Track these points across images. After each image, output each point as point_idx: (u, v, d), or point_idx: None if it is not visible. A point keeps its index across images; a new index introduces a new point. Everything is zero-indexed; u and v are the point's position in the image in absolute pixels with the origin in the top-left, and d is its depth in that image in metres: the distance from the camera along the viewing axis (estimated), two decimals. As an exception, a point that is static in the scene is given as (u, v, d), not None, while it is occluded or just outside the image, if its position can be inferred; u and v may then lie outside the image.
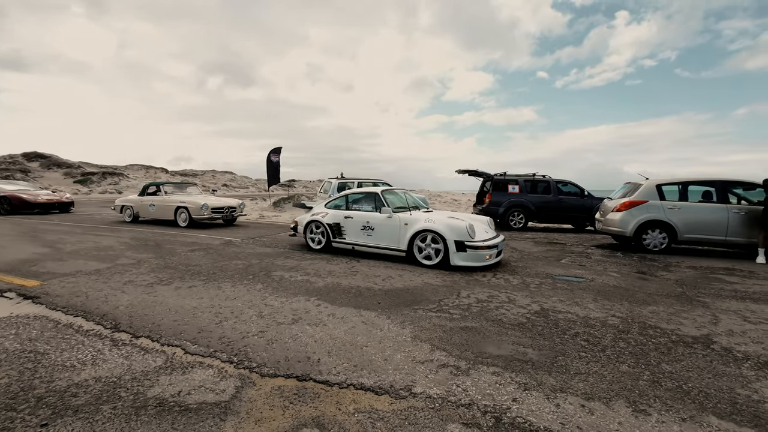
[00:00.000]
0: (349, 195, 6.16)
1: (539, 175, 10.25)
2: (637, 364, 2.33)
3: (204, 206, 9.16)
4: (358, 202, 6.04)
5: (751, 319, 3.15)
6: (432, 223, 5.05)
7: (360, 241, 5.73)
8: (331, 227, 5.93)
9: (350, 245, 5.84)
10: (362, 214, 5.75)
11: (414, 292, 3.93)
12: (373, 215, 5.65)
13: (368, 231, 5.62)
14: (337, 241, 5.94)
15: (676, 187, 6.42)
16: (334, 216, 5.99)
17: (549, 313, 3.27)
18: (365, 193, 6.07)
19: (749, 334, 2.82)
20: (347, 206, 6.04)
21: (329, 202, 6.37)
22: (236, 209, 10.16)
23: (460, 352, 2.50)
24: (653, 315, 3.25)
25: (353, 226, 5.78)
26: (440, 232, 4.93)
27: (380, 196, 5.69)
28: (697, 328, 2.94)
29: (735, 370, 2.26)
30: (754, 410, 1.85)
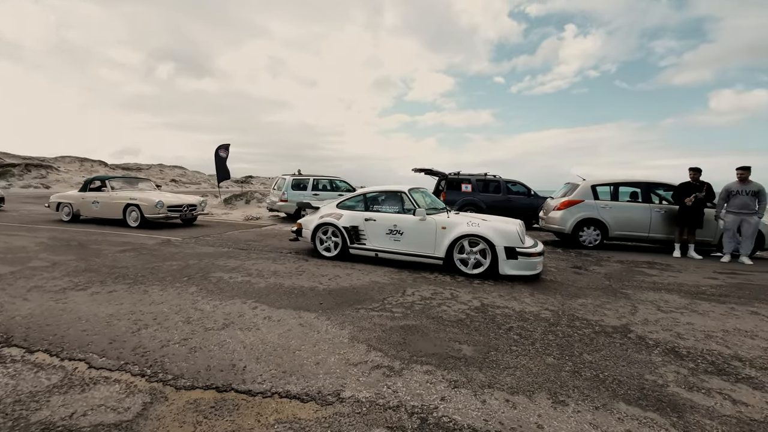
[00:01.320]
0: (367, 194, 5.40)
1: (490, 175, 10.64)
2: (562, 356, 2.44)
3: (159, 204, 8.23)
4: (379, 202, 5.31)
5: (664, 309, 3.45)
6: (476, 227, 4.44)
7: (385, 246, 5.00)
8: (348, 231, 5.14)
9: (372, 252, 5.08)
10: (387, 216, 5.03)
11: (359, 291, 3.85)
12: (402, 217, 4.94)
13: (395, 235, 4.92)
14: (356, 246, 5.17)
15: (608, 187, 6.95)
16: (351, 218, 5.21)
17: (488, 309, 3.35)
18: (388, 191, 5.33)
19: (661, 323, 3.08)
20: (366, 207, 5.28)
21: (341, 201, 5.60)
22: (197, 207, 9.27)
23: (396, 351, 2.46)
24: (582, 307, 3.45)
25: (376, 229, 5.05)
26: (488, 237, 4.34)
27: (407, 196, 5.05)
28: (618, 319, 3.16)
29: (646, 357, 2.44)
30: (658, 394, 1.99)
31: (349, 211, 5.33)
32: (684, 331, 2.90)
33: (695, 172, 6.17)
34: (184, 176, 49.95)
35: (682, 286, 4.29)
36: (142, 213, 8.29)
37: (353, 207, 5.39)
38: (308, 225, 5.59)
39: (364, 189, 5.71)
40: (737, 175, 5.80)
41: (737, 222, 5.75)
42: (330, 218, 5.31)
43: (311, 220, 5.59)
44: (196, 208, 9.23)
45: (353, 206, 5.40)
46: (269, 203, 11.44)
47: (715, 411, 1.85)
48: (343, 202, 5.57)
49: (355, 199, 5.46)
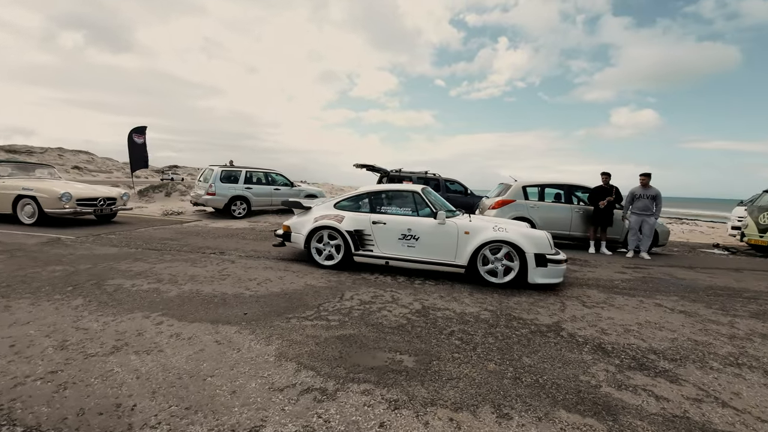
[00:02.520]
0: (372, 193, 4.76)
1: (431, 174, 10.82)
2: (503, 360, 2.37)
3: (65, 196, 6.66)
4: (387, 203, 4.71)
5: (588, 304, 3.67)
6: (504, 232, 4.07)
7: (397, 253, 4.42)
8: (351, 236, 4.49)
9: (382, 259, 4.47)
10: (400, 219, 4.45)
11: (292, 297, 3.47)
12: (418, 221, 4.40)
13: (409, 241, 4.37)
14: (362, 254, 4.51)
15: (536, 188, 7.42)
16: (355, 221, 4.56)
17: (429, 312, 3.22)
18: (398, 191, 4.78)
19: (587, 319, 3.24)
20: (372, 208, 4.65)
21: (340, 201, 4.89)
22: (116, 201, 7.73)
23: (330, 368, 2.17)
24: (517, 306, 3.50)
25: (386, 234, 4.46)
26: (518, 243, 4.00)
27: (423, 197, 4.53)
28: (550, 316, 3.25)
29: (578, 356, 2.49)
30: (593, 397, 2.00)
31: (351, 212, 4.66)
32: (607, 326, 3.07)
33: (606, 177, 6.85)
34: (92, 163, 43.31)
35: (599, 281, 4.67)
36: (40, 207, 6.69)
37: (356, 208, 4.72)
38: (300, 228, 4.81)
39: (367, 187, 5.05)
40: (640, 180, 6.56)
41: (639, 222, 6.51)
42: (329, 221, 4.58)
43: (303, 223, 4.81)
44: (115, 202, 7.73)
45: (356, 207, 4.73)
46: (194, 196, 10.25)
47: (643, 410, 1.90)
48: (342, 201, 4.87)
49: (358, 199, 4.79)
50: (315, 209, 4.93)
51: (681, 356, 2.56)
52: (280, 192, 10.66)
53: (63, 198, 6.67)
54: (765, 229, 7.44)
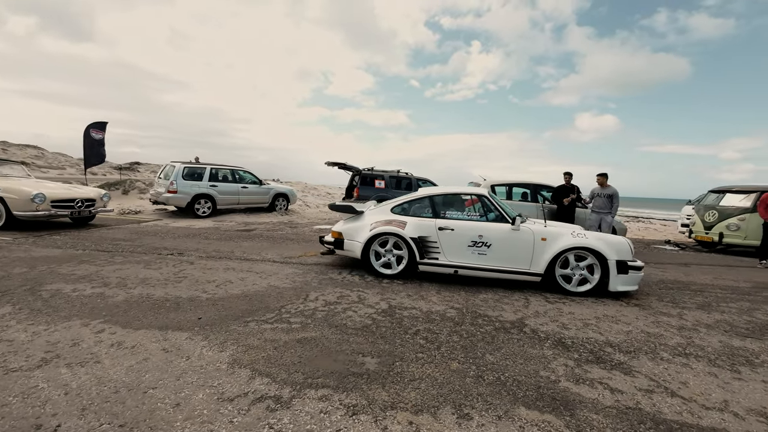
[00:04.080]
0: (434, 197, 4.44)
1: (403, 172, 10.82)
2: (467, 359, 2.35)
3: (38, 197, 5.97)
4: (451, 207, 4.41)
5: (550, 299, 3.76)
6: (584, 239, 3.90)
7: (467, 261, 4.13)
8: (416, 243, 4.17)
9: (451, 268, 4.15)
10: (469, 225, 4.16)
11: (253, 299, 3.31)
12: (489, 226, 4.12)
13: (480, 248, 4.08)
14: (428, 262, 4.20)
15: (504, 187, 7.58)
16: (420, 226, 4.23)
17: (396, 311, 3.17)
18: (462, 194, 4.48)
19: (549, 314, 3.30)
20: (436, 213, 4.33)
21: (397, 205, 4.52)
22: (95, 203, 7.02)
23: (288, 374, 2.06)
24: (483, 303, 3.52)
25: (454, 241, 4.14)
26: (600, 250, 3.81)
27: (491, 200, 4.29)
28: (514, 313, 3.29)
29: (539, 352, 2.52)
30: (552, 392, 2.02)
31: (413, 217, 4.35)
32: (567, 321, 3.14)
33: (568, 176, 7.11)
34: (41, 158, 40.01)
35: (562, 277, 4.81)
36: (8, 209, 5.97)
37: (418, 213, 4.40)
38: (354, 235, 4.42)
39: (428, 190, 4.75)
40: (597, 180, 6.86)
41: (598, 220, 6.80)
42: (390, 227, 4.23)
43: (357, 229, 4.42)
44: (94, 203, 7.05)
45: (417, 212, 4.41)
46: (153, 194, 9.67)
47: (599, 403, 1.93)
48: (401, 205, 4.51)
49: (419, 203, 4.45)
50: (367, 214, 4.59)
51: (635, 348, 2.66)
52: (248, 190, 10.27)
53: (36, 199, 5.98)
54: (710, 226, 8.01)
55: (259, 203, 10.77)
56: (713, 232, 7.86)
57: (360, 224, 4.46)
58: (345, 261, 5.03)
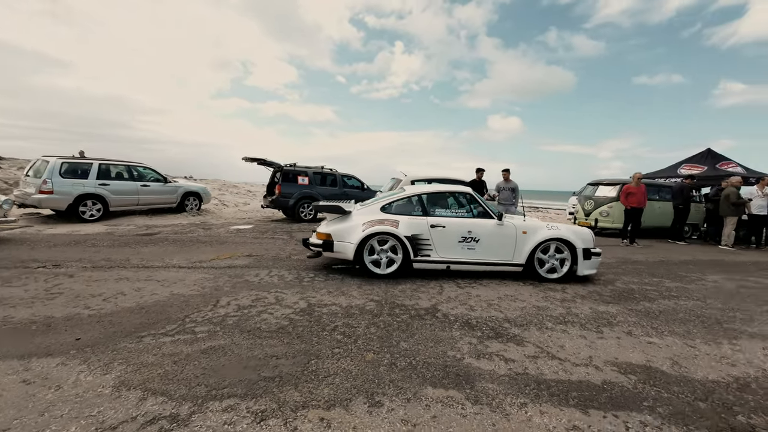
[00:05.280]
0: (423, 195, 4.51)
1: (327, 169, 10.67)
2: (382, 348, 2.43)
3: None
4: (440, 205, 4.55)
5: (461, 285, 4.09)
6: (557, 230, 4.37)
7: (458, 257, 4.31)
8: (410, 241, 4.19)
9: (443, 264, 4.31)
10: (459, 222, 4.33)
11: (151, 311, 2.94)
12: (477, 222, 4.35)
13: (469, 243, 4.28)
14: (421, 259, 4.27)
15: (424, 182, 7.98)
16: (412, 225, 4.26)
17: (315, 309, 3.12)
18: (449, 192, 4.68)
19: (459, 299, 3.59)
20: (426, 211, 4.40)
21: (386, 204, 4.48)
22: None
23: (188, 389, 1.88)
24: (401, 293, 3.68)
25: (446, 237, 4.27)
26: (570, 240, 4.32)
27: (475, 197, 4.54)
28: (429, 300, 3.50)
29: (448, 334, 2.72)
30: (456, 369, 2.20)
31: (404, 216, 4.35)
32: (475, 304, 3.45)
33: (480, 172, 7.81)
34: None
35: (473, 264, 5.27)
36: None
37: (409, 211, 4.42)
38: (345, 236, 4.25)
39: (415, 188, 4.78)
40: (502, 175, 7.67)
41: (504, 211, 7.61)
42: (384, 226, 4.20)
43: (348, 230, 4.27)
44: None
45: (408, 210, 4.43)
46: (19, 196, 7.93)
47: (495, 373, 2.17)
48: (390, 204, 4.48)
49: (408, 202, 4.49)
50: (355, 214, 4.48)
51: (527, 321, 3.04)
52: (149, 189, 9.07)
53: None
54: (588, 213, 9.56)
55: (165, 203, 9.61)
56: (591, 218, 9.40)
57: (350, 225, 4.33)
58: (263, 262, 4.78)
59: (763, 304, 3.89)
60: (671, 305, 3.67)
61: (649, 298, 3.88)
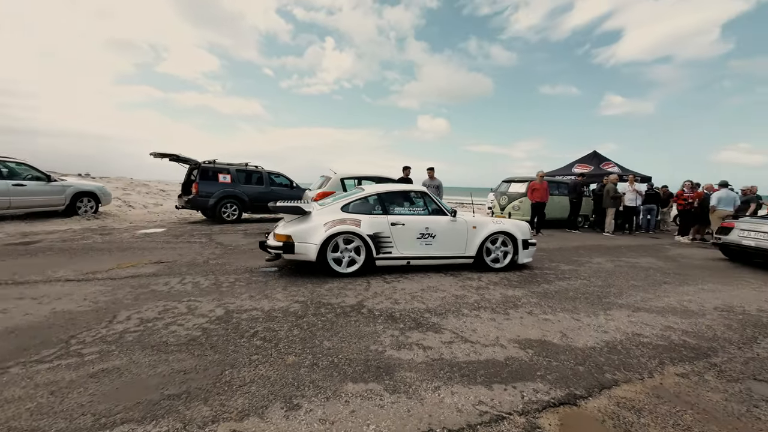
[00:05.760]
0: (382, 194, 4.70)
1: (252, 166, 10.07)
2: (304, 350, 2.39)
3: None
4: (398, 204, 4.73)
5: (388, 279, 4.21)
6: (502, 225, 4.91)
7: (417, 252, 4.60)
8: (373, 239, 4.34)
9: (403, 260, 4.56)
10: (418, 219, 4.61)
11: (24, 333, 2.46)
12: (434, 219, 4.66)
13: (427, 239, 4.60)
14: (383, 256, 4.45)
15: (353, 180, 8.02)
16: (374, 224, 4.41)
17: (233, 316, 2.93)
18: (406, 191, 4.93)
19: (385, 293, 3.69)
20: (385, 210, 4.57)
21: (347, 204, 4.56)
22: None
23: (68, 422, 1.62)
24: (328, 292, 3.65)
25: (406, 234, 4.52)
26: (512, 233, 4.89)
27: (431, 196, 4.88)
28: (355, 297, 3.53)
29: (372, 328, 2.78)
30: (377, 362, 2.26)
31: (365, 215, 4.47)
32: (399, 297, 3.58)
33: (407, 170, 8.10)
34: None
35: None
36: None
37: (369, 210, 4.55)
38: (307, 237, 4.20)
39: (374, 188, 4.89)
40: (427, 173, 8.08)
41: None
42: (347, 225, 4.27)
43: (310, 231, 4.23)
44: None
45: (368, 209, 4.56)
46: None
47: (413, 362, 2.28)
48: (350, 204, 4.56)
49: (367, 201, 4.62)
50: (315, 214, 4.43)
51: (446, 310, 3.26)
52: (25, 189, 7.57)
53: None
54: (503, 207, 10.56)
55: (50, 206, 8.13)
56: (505, 212, 10.40)
57: (311, 225, 4.28)
58: (175, 269, 4.34)
59: (631, 279, 4.73)
60: (564, 285, 4.26)
61: (548, 281, 4.45)
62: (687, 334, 2.92)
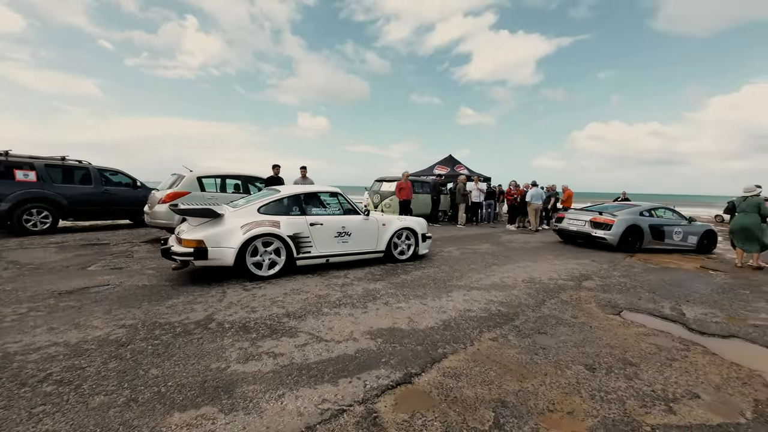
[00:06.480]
0: (299, 196, 4.72)
1: (74, 161, 7.94)
2: (120, 385, 1.97)
3: None
4: (315, 205, 4.90)
5: (248, 287, 3.90)
6: (406, 221, 5.51)
7: (335, 250, 4.79)
8: (293, 240, 4.34)
9: (323, 258, 4.69)
10: (335, 219, 4.83)
11: None
12: (349, 218, 4.97)
13: (344, 237, 4.85)
14: (303, 256, 4.48)
15: (214, 179, 7.18)
16: (293, 224, 4.43)
17: (14, 359, 2.21)
18: (321, 192, 5.08)
19: (242, 302, 3.41)
20: (303, 210, 4.64)
21: (263, 205, 4.44)
22: None
23: None
24: (169, 310, 3.15)
25: (324, 234, 4.66)
26: (414, 228, 5.56)
27: (344, 196, 5.13)
28: (205, 310, 3.15)
29: (218, 344, 2.52)
30: (217, 382, 2.04)
31: (284, 216, 4.47)
32: (258, 304, 3.36)
33: (277, 168, 7.73)
34: None
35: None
36: None
37: (287, 211, 4.57)
38: (222, 241, 3.96)
39: (290, 189, 4.93)
40: (300, 172, 7.90)
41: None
42: (266, 227, 4.20)
43: (225, 234, 3.99)
44: None
45: (286, 210, 4.58)
46: None
47: (260, 373, 2.15)
48: (267, 206, 4.48)
49: (284, 202, 4.62)
50: (229, 217, 4.24)
51: (306, 312, 3.21)
52: None
53: None
54: (377, 205, 11.19)
55: None
56: (378, 210, 11.05)
57: (226, 228, 4.07)
58: None
59: (471, 264, 5.62)
60: (419, 274, 4.76)
61: (406, 272, 4.90)
62: (502, 304, 3.63)
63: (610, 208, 8.05)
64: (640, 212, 7.69)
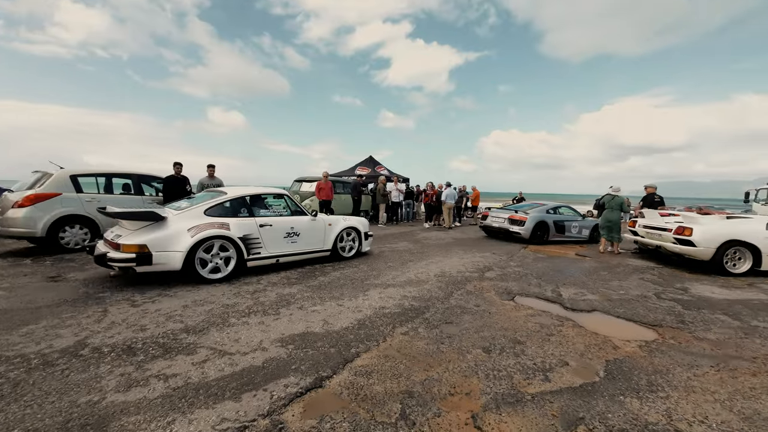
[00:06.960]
0: (246, 197, 4.72)
1: None
2: (-63, 444, 1.53)
3: None
4: (262, 206, 4.93)
5: (138, 302, 3.40)
6: (350, 221, 5.87)
7: (284, 250, 4.88)
8: (243, 241, 4.33)
9: (273, 258, 4.75)
10: (284, 220, 4.93)
11: None
12: (298, 219, 5.09)
13: (293, 238, 4.96)
14: (254, 257, 4.50)
15: (95, 178, 6.09)
16: (243, 226, 4.42)
17: None
18: (268, 194, 5.11)
19: (128, 320, 2.95)
20: (251, 212, 4.63)
21: (210, 207, 4.36)
22: None
23: None
24: (25, 338, 2.55)
25: (274, 234, 4.73)
26: (357, 227, 5.94)
27: (291, 198, 5.26)
28: (75, 334, 2.63)
29: (91, 373, 2.12)
30: (86, 418, 1.72)
31: (233, 218, 4.42)
32: (149, 321, 2.94)
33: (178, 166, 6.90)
34: None
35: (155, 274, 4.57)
36: None
37: (235, 213, 4.49)
38: (168, 245, 3.84)
39: (237, 190, 4.77)
40: (207, 171, 7.19)
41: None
42: (215, 229, 4.15)
43: (171, 237, 3.88)
44: None
45: (234, 212, 4.49)
46: None
47: (145, 400, 1.87)
48: (214, 208, 4.38)
49: (232, 204, 4.52)
50: (174, 220, 4.05)
51: (209, 324, 2.92)
52: None
53: None
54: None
55: None
56: (298, 211, 10.69)
57: (171, 231, 3.93)
58: None
59: (389, 261, 5.79)
60: (337, 275, 4.73)
61: (324, 273, 4.82)
62: (415, 299, 3.82)
63: (524, 207, 9.15)
64: (546, 210, 8.89)
